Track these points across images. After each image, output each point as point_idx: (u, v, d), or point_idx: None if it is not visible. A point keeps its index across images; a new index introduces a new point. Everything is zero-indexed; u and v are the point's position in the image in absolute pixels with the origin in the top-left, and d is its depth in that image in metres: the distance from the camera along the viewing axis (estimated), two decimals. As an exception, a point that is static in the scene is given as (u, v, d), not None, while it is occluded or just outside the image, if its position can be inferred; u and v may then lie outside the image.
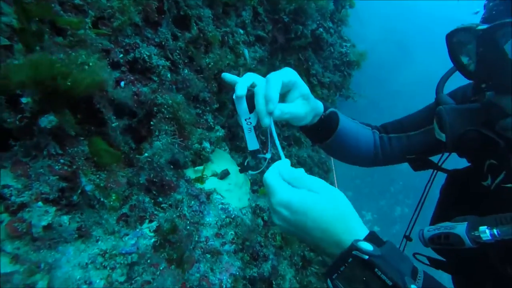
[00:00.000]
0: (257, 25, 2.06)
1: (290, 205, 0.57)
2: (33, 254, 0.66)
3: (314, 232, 0.56)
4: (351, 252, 0.52)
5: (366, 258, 0.51)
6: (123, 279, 0.83)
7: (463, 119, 0.87)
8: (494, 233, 0.69)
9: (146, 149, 1.14)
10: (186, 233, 1.13)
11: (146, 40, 1.21)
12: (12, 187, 0.72)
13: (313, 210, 0.56)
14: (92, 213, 0.92)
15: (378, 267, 0.51)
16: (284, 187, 0.58)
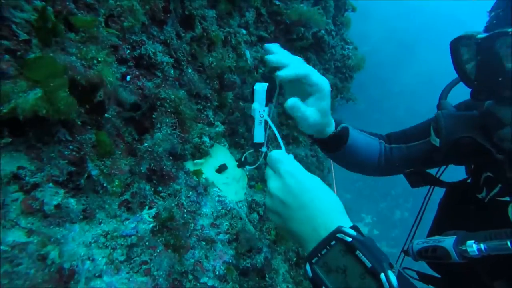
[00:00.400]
0: (260, 26, 2.12)
1: (296, 175, 0.61)
2: (44, 229, 0.73)
3: (308, 211, 0.58)
4: (336, 235, 0.54)
5: (349, 241, 0.53)
6: (123, 258, 0.91)
7: (460, 126, 0.86)
8: (481, 248, 0.69)
9: (147, 140, 1.21)
10: (183, 221, 1.20)
11: (152, 38, 1.28)
12: (26, 168, 0.79)
13: (314, 189, 0.61)
14: (96, 197, 0.99)
15: (360, 249, 0.52)
16: (290, 161, 0.64)
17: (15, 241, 0.64)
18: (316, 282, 0.55)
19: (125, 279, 0.86)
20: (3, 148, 0.82)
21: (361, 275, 0.52)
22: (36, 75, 0.84)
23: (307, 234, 0.59)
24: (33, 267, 0.63)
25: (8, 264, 0.61)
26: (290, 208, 0.60)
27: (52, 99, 0.83)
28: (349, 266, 0.53)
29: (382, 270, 0.51)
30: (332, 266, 0.54)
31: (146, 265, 0.91)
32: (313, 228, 0.58)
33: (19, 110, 0.76)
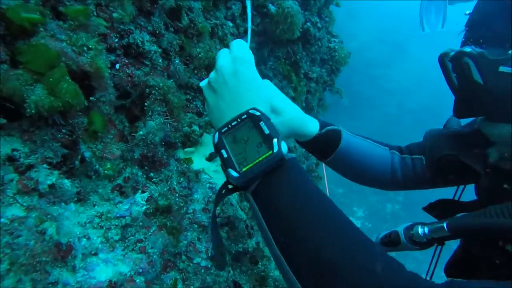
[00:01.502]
0: (246, 18, 2.16)
1: (248, 66, 0.64)
2: (41, 207, 0.76)
3: (241, 97, 0.62)
4: (248, 111, 0.59)
5: (257, 114, 0.58)
6: (118, 237, 0.94)
7: (445, 144, 0.84)
8: (425, 231, 0.72)
9: (141, 128, 1.24)
10: (176, 207, 1.23)
11: (139, 28, 1.30)
12: (20, 150, 0.81)
13: (255, 82, 0.65)
14: (89, 182, 1.02)
15: (264, 121, 0.57)
16: (250, 54, 0.66)
17: (14, 215, 0.67)
18: (218, 147, 0.60)
19: (120, 256, 0.89)
20: (-4, 132, 0.85)
21: (258, 144, 0.57)
22: (36, 66, 0.86)
23: (229, 112, 0.63)
24: (33, 239, 0.66)
25: (9, 236, 0.64)
26: (228, 88, 0.64)
27: (56, 92, 0.86)
28: (250, 137, 0.58)
29: (277, 136, 0.56)
30: (237, 138, 0.59)
31: (141, 243, 0.95)
32: (237, 109, 0.61)
33: (39, 108, 0.79)
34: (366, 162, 0.94)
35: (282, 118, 0.77)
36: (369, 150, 0.95)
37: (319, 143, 0.88)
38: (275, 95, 0.77)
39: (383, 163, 0.96)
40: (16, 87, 0.82)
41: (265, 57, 2.57)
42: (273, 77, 2.66)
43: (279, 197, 0.55)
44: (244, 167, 0.56)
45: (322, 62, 3.62)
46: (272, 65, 2.60)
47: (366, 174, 0.97)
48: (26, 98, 0.81)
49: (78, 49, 0.96)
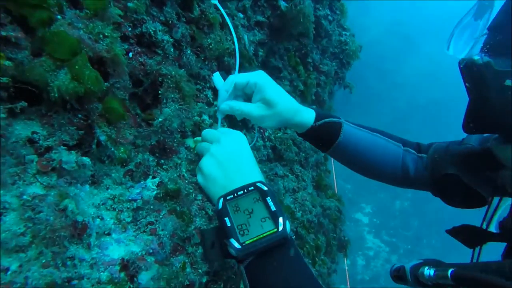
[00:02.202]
0: (257, 10, 2.17)
1: (236, 135, 0.72)
2: (60, 186, 0.80)
3: (241, 162, 0.68)
4: (256, 183, 0.63)
5: (265, 189, 0.62)
6: (130, 219, 0.98)
7: (450, 162, 0.79)
8: (430, 274, 0.67)
9: (158, 115, 1.27)
10: (185, 192, 1.27)
11: (151, 18, 1.33)
12: (39, 133, 0.85)
13: (245, 151, 0.71)
14: (102, 166, 1.06)
15: (271, 197, 0.61)
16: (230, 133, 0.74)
17: (35, 193, 0.71)
18: (222, 214, 0.61)
19: (132, 237, 0.93)
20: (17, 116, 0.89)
21: (262, 218, 0.60)
22: (60, 54, 0.89)
23: (234, 182, 0.66)
24: (52, 215, 0.70)
25: (31, 211, 0.68)
26: (235, 160, 0.68)
27: (80, 79, 0.90)
28: (255, 210, 0.61)
29: (282, 215, 0.59)
30: (241, 208, 0.62)
31: (152, 226, 0.98)
32: (242, 180, 0.65)
33: (61, 92, 0.82)
34: (371, 156, 0.91)
35: (274, 110, 0.79)
36: (375, 145, 0.92)
37: (316, 135, 0.89)
38: (268, 87, 0.79)
39: (391, 159, 0.92)
40: (41, 73, 0.85)
41: (276, 50, 2.58)
42: (283, 69, 2.66)
43: (273, 279, 0.56)
44: (247, 240, 0.58)
45: (333, 56, 3.60)
46: (281, 57, 2.61)
47: (371, 169, 0.95)
48: (50, 83, 0.85)
49: (95, 37, 0.99)
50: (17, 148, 0.81)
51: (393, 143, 0.93)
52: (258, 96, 0.80)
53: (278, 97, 0.80)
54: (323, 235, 3.30)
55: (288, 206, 2.51)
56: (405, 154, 0.92)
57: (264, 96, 0.79)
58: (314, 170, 3.40)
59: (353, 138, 0.90)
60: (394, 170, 0.92)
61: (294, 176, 2.71)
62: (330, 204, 3.50)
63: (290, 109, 0.83)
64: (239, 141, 0.73)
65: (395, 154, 0.92)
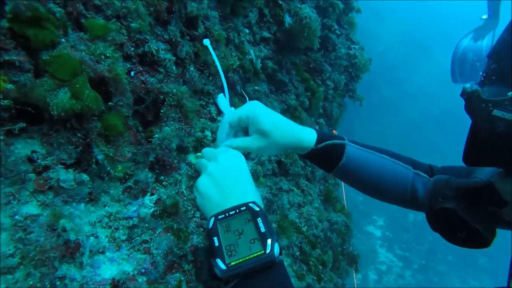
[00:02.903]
0: (263, 26, 2.20)
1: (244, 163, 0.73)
2: (54, 205, 0.82)
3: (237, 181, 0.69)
4: (248, 204, 0.63)
5: (257, 210, 0.62)
6: (125, 237, 0.99)
7: (449, 195, 0.75)
8: None
9: (156, 133, 1.30)
10: (184, 209, 1.28)
11: (155, 37, 1.36)
12: (39, 152, 0.88)
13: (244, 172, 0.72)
14: (101, 183, 1.08)
15: (262, 218, 0.61)
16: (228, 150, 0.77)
17: (28, 213, 0.73)
18: (211, 233, 0.62)
19: (125, 255, 0.94)
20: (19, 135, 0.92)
21: (251, 240, 0.60)
22: (61, 74, 0.93)
23: (228, 201, 0.66)
24: (43, 236, 0.72)
25: (22, 232, 0.69)
26: (230, 179, 0.69)
27: (79, 97, 0.93)
28: (246, 231, 0.61)
29: (271, 237, 0.58)
30: (232, 228, 0.62)
31: (147, 244, 0.99)
32: (236, 199, 0.66)
33: (59, 110, 0.86)
34: (377, 179, 0.88)
35: (270, 139, 0.79)
36: (382, 167, 0.88)
37: (318, 158, 0.88)
38: (260, 117, 0.79)
39: (400, 182, 0.88)
40: (41, 92, 0.88)
41: (283, 65, 2.59)
42: (288, 83, 2.67)
43: None
44: (233, 261, 0.58)
45: (341, 69, 3.60)
46: (288, 72, 2.62)
47: (378, 191, 0.92)
48: (49, 102, 0.87)
49: (96, 58, 1.02)
50: (17, 166, 0.83)
51: (402, 166, 0.89)
52: (253, 128, 0.81)
53: (273, 125, 0.80)
54: (331, 250, 3.25)
55: (292, 221, 2.48)
56: (415, 177, 0.88)
57: (258, 127, 0.79)
58: (321, 184, 3.36)
59: (357, 160, 0.87)
60: (403, 193, 0.89)
61: (300, 191, 2.69)
62: (337, 218, 3.44)
63: (288, 135, 0.83)
64: (237, 160, 0.74)
65: (404, 177, 0.88)
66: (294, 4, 2.26)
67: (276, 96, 2.41)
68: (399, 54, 14.57)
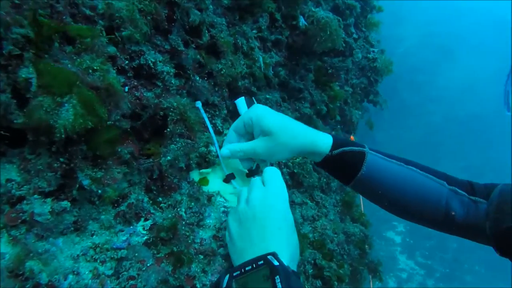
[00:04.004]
0: (274, 31, 2.08)
1: (279, 199, 0.64)
2: (24, 243, 0.73)
3: (265, 232, 0.60)
4: (266, 256, 0.55)
5: (276, 264, 0.53)
6: (111, 272, 0.89)
7: None
8: None
9: (164, 153, 1.21)
10: (183, 232, 1.18)
11: (155, 48, 1.27)
12: (15, 181, 0.80)
13: (283, 220, 0.62)
14: (91, 208, 0.99)
15: (280, 275, 0.51)
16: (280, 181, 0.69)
17: (-10, 255, 0.65)
18: None
19: (109, 295, 0.85)
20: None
21: None
22: (57, 87, 0.85)
23: (250, 250, 0.60)
24: (2, 283, 0.63)
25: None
26: (255, 224, 0.62)
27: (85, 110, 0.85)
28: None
29: None
30: (248, 287, 0.54)
31: (133, 281, 0.89)
32: (259, 248, 0.58)
33: (69, 130, 0.78)
34: (403, 195, 0.77)
35: (277, 139, 0.73)
36: (409, 181, 0.76)
37: (334, 166, 0.78)
38: (264, 117, 0.73)
39: (431, 199, 0.76)
40: (41, 115, 0.80)
41: (297, 71, 2.47)
42: (304, 90, 2.54)
43: None
44: None
45: (360, 73, 3.43)
46: (302, 78, 2.49)
47: (404, 209, 0.80)
48: (55, 124, 0.79)
49: (84, 71, 0.93)
50: (-9, 197, 0.75)
51: (435, 180, 0.77)
52: (258, 130, 0.75)
53: (278, 124, 0.73)
54: (347, 263, 3.09)
55: (305, 235, 2.35)
56: (451, 194, 0.75)
57: (262, 127, 0.73)
58: (338, 194, 3.21)
59: (380, 171, 0.76)
60: (434, 213, 0.76)
61: (314, 203, 2.55)
62: (355, 229, 3.29)
63: (298, 136, 0.75)
64: (272, 198, 0.65)
65: (437, 194, 0.76)
66: (308, 8, 2.13)
67: (289, 104, 2.29)
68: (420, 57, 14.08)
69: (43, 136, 0.82)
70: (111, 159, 0.97)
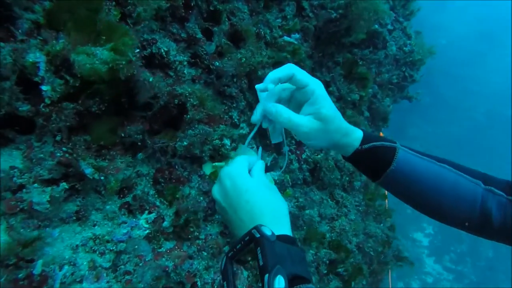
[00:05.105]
0: (301, 20, 1.97)
1: (234, 177, 0.62)
2: (21, 232, 0.74)
3: (240, 213, 0.60)
4: (251, 231, 0.54)
5: (257, 236, 0.52)
6: (108, 265, 0.89)
7: None
8: None
9: (180, 138, 1.19)
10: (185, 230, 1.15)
11: (171, 36, 1.24)
12: (17, 168, 0.80)
13: (249, 192, 0.61)
14: (96, 198, 0.99)
15: (262, 247, 0.51)
16: (243, 167, 0.65)
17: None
18: (223, 277, 0.56)
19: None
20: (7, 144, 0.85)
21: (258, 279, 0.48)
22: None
23: (236, 234, 0.61)
24: (-7, 274, 0.63)
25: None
26: (226, 209, 0.62)
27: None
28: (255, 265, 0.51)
29: (269, 272, 0.48)
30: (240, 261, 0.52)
31: (129, 276, 0.88)
32: (242, 228, 0.59)
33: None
34: (435, 194, 0.73)
35: (327, 128, 0.68)
36: (441, 179, 0.72)
37: (363, 161, 0.75)
38: (327, 100, 0.68)
39: (465, 200, 0.71)
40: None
41: (324, 63, 2.35)
42: (331, 84, 2.43)
43: None
44: None
45: (393, 67, 3.23)
46: (329, 70, 2.37)
47: (435, 209, 0.76)
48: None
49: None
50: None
51: (469, 179, 0.72)
52: (312, 109, 0.67)
53: (334, 114, 0.68)
54: (366, 265, 2.99)
55: (322, 233, 2.27)
56: (487, 195, 0.70)
57: (321, 110, 0.66)
58: (361, 193, 3.08)
59: (411, 168, 0.72)
60: (469, 214, 0.71)
61: (334, 202, 2.46)
62: (376, 230, 3.16)
63: (341, 128, 0.71)
64: (226, 178, 0.64)
65: (471, 194, 0.71)
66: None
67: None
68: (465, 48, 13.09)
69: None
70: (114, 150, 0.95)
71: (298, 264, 0.53)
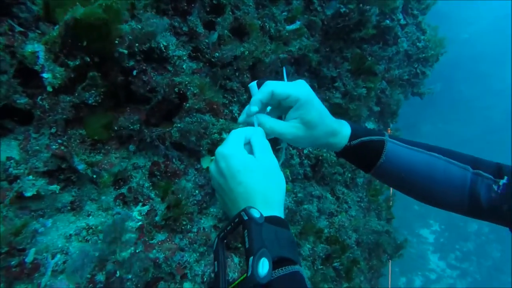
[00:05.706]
0: (309, 15, 1.94)
1: (229, 158, 0.61)
2: (14, 221, 0.77)
3: (234, 193, 0.60)
4: (240, 212, 0.54)
5: (245, 219, 0.52)
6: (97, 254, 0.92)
7: None
8: None
9: (177, 124, 1.21)
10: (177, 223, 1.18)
11: (172, 29, 1.24)
12: (14, 159, 0.83)
13: (243, 173, 0.60)
14: (92, 189, 1.02)
15: (249, 229, 0.51)
16: (238, 146, 0.63)
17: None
18: (214, 256, 0.57)
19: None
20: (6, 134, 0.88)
21: (245, 258, 0.52)
22: None
23: (230, 215, 0.62)
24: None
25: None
26: (220, 189, 0.63)
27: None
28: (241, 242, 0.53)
29: (254, 254, 0.48)
30: (232, 246, 0.54)
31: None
32: (235, 209, 0.60)
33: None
34: (425, 182, 0.76)
35: (312, 132, 0.69)
36: (428, 167, 0.75)
37: (353, 156, 0.78)
38: (311, 106, 0.69)
39: (454, 185, 0.74)
40: None
41: (332, 59, 2.31)
42: (338, 79, 2.39)
43: None
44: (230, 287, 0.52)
45: (405, 62, 3.15)
46: (339, 66, 2.34)
47: (428, 196, 0.78)
48: None
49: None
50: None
51: (458, 165, 0.74)
52: (297, 114, 0.69)
53: (320, 118, 0.70)
54: (364, 261, 3.01)
55: (319, 229, 2.29)
56: (475, 178, 0.73)
57: (305, 116, 0.68)
58: (364, 189, 3.07)
59: (400, 159, 0.76)
60: (459, 198, 0.74)
61: (334, 198, 2.46)
62: (377, 227, 3.16)
63: (328, 130, 0.73)
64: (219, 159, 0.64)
65: (460, 179, 0.74)
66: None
67: (319, 93, 2.17)
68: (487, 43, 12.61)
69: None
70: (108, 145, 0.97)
71: (286, 247, 0.54)
